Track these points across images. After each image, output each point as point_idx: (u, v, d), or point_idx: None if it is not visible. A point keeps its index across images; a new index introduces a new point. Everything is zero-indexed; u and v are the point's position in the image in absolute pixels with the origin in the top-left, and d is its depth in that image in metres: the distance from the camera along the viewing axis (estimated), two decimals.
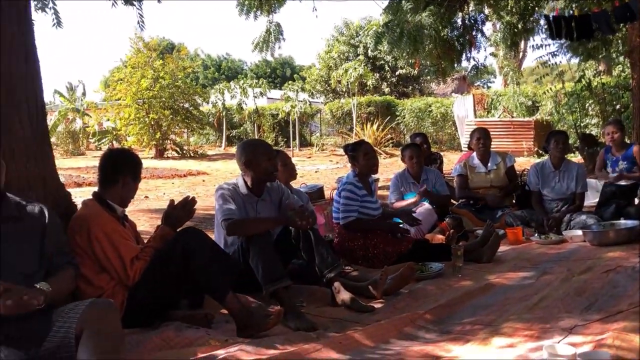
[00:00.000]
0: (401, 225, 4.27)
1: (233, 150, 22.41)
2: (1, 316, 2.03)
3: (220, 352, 2.44)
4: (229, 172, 14.44)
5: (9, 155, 2.72)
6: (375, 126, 19.70)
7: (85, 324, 2.11)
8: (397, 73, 26.61)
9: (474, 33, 9.46)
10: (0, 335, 2.09)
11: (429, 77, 23.35)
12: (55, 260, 2.36)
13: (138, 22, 5.34)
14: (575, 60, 11.41)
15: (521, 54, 20.60)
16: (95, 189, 3.02)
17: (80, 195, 3.36)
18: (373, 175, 4.56)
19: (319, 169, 14.41)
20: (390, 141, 20.17)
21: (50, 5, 4.66)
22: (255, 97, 23.83)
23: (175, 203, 3.04)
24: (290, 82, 24.71)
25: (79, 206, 3.02)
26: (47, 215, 2.39)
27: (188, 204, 3.03)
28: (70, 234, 2.73)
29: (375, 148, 5.49)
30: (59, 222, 2.47)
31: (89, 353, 2.02)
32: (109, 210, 2.89)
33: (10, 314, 1.98)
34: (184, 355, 2.46)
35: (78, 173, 13.17)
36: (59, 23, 4.39)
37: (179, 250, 2.79)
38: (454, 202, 5.70)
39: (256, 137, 23.18)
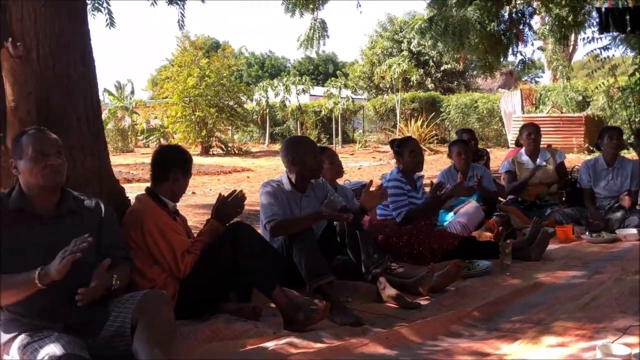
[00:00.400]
0: (450, 218, 4.23)
1: (276, 147, 22.69)
2: (62, 305, 2.14)
3: (269, 345, 2.49)
4: (272, 168, 14.59)
5: (67, 152, 2.83)
6: (419, 122, 19.51)
7: (140, 314, 2.20)
8: (442, 68, 26.27)
9: (521, 27, 9.24)
10: (61, 324, 2.20)
11: (475, 72, 22.93)
12: (112, 253, 2.45)
13: (178, 21, 5.46)
14: (629, 54, 10.99)
15: (571, 47, 19.98)
16: (144, 185, 3.11)
17: (130, 191, 3.46)
18: (419, 172, 4.53)
19: (362, 166, 14.39)
20: (435, 138, 19.95)
21: (105, 5, 4.82)
22: (298, 94, 23.97)
23: (225, 198, 3.11)
24: (333, 78, 24.70)
25: (132, 201, 3.13)
26: (103, 209, 2.49)
27: (237, 199, 3.10)
28: (125, 228, 2.83)
29: (420, 144, 5.43)
30: (114, 216, 2.57)
31: (143, 342, 2.10)
32: (161, 205, 2.98)
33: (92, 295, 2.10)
34: (233, 347, 2.52)
35: (127, 169, 13.56)
36: (112, 23, 4.53)
37: (228, 244, 2.85)
38: (502, 199, 5.60)
39: (299, 134, 23.32)
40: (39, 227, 2.29)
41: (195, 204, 7.78)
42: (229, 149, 21.08)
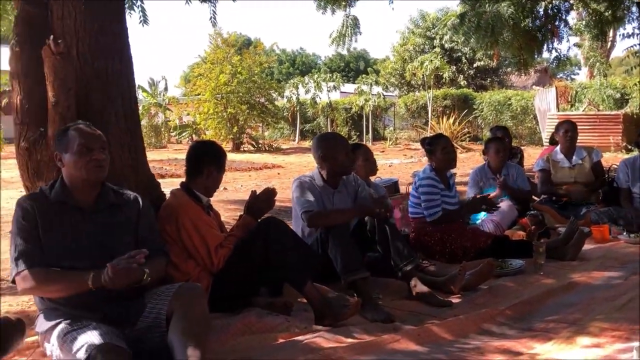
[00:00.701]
0: (482, 216, 4.21)
1: (306, 144, 22.74)
2: (100, 296, 2.20)
3: (300, 339, 2.52)
4: (303, 165, 14.63)
5: None
6: (451, 120, 19.28)
7: (175, 306, 2.25)
8: (474, 65, 25.94)
9: (556, 23, 9.06)
10: (100, 314, 2.26)
11: (508, 69, 22.58)
12: (149, 246, 2.50)
13: (211, 18, 5.50)
14: None
15: (609, 43, 19.49)
16: (177, 180, 3.17)
17: (163, 187, 3.53)
18: (451, 170, 4.49)
19: (393, 163, 14.31)
20: (467, 135, 19.69)
21: (139, 3, 4.89)
22: (329, 91, 23.95)
23: (257, 194, 3.15)
24: (364, 75, 24.63)
25: (167, 196, 3.19)
26: (141, 203, 2.55)
27: (269, 194, 3.13)
28: (160, 222, 2.88)
29: (452, 142, 5.35)
30: (151, 210, 2.63)
31: (178, 334, 2.14)
32: (195, 200, 3.03)
33: (118, 285, 2.14)
34: (265, 341, 2.55)
35: (161, 165, 13.76)
36: (145, 21, 4.58)
37: (260, 239, 2.89)
38: (536, 198, 5.52)
39: (329, 131, 23.33)
40: (79, 219, 2.36)
41: (226, 199, 7.87)
42: (260, 145, 21.20)
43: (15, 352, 2.33)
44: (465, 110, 20.67)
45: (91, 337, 2.09)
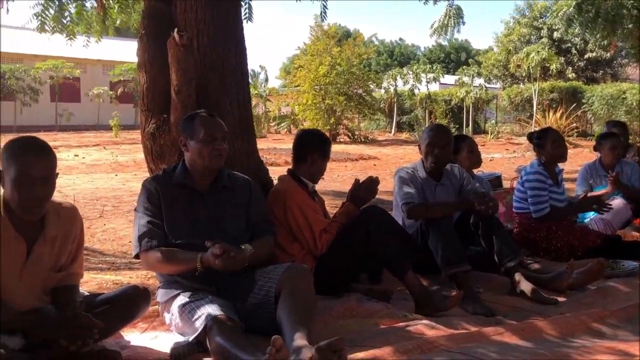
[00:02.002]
0: (591, 214, 4.01)
1: (403, 136, 22.54)
2: (214, 271, 2.36)
3: (401, 325, 2.56)
4: (399, 157, 14.56)
5: None
6: (558, 114, 18.35)
7: (283, 285, 2.37)
8: (585, 56, 24.46)
9: None
10: (214, 287, 2.44)
11: (625, 61, 21.07)
12: (258, 227, 2.66)
13: (321, 13, 5.59)
14: None
15: None
16: (276, 169, 3.30)
17: None
18: (559, 165, 4.31)
19: (494, 157, 13.88)
20: (575, 130, 18.65)
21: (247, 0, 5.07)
22: (428, 82, 23.57)
23: (360, 182, 3.21)
24: (464, 66, 23.98)
25: (275, 181, 3.34)
26: (252, 187, 2.71)
27: (372, 183, 3.18)
28: (269, 205, 3.02)
29: None
30: (262, 194, 2.78)
31: (287, 312, 2.25)
32: (301, 185, 3.15)
33: (223, 270, 2.28)
34: (365, 325, 2.62)
35: (261, 154, 14.18)
36: (250, 17, 4.74)
37: (362, 227, 2.95)
38: None
39: (427, 123, 22.99)
40: (197, 200, 2.55)
41: (323, 189, 8.03)
42: (356, 136, 21.29)
43: (140, 319, 2.55)
44: (574, 104, 19.60)
45: (208, 308, 2.26)
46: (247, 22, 4.85)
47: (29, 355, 2.04)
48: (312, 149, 3.17)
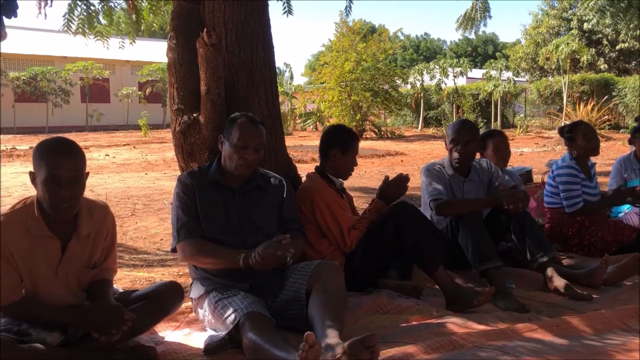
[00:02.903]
0: (626, 209, 3.91)
1: (430, 131, 22.36)
2: (248, 269, 2.38)
3: (432, 322, 2.55)
4: (427, 152, 14.45)
5: None
6: (589, 107, 17.97)
7: (314, 281, 2.38)
8: (617, 47, 23.90)
9: None
10: (246, 284, 2.46)
11: None
12: (290, 226, 2.67)
13: (346, 8, 5.58)
14: None
15: None
16: (302, 166, 3.29)
17: None
18: (591, 159, 4.22)
19: (523, 152, 13.68)
20: (607, 123, 18.24)
21: None
22: (455, 76, 23.34)
23: (390, 179, 3.20)
24: (492, 60, 23.66)
25: (303, 179, 3.34)
26: (285, 186, 2.73)
27: (402, 180, 3.17)
28: (297, 203, 3.04)
29: None
30: (293, 193, 2.80)
31: (318, 308, 2.26)
32: (329, 182, 3.15)
33: (265, 268, 2.32)
34: (396, 321, 2.61)
35: (288, 152, 14.26)
36: (289, 11, 4.73)
37: (392, 223, 2.94)
38: None
39: (455, 118, 22.77)
40: (230, 197, 2.58)
41: (351, 186, 8.02)
42: (382, 133, 21.20)
43: (173, 315, 2.59)
44: (605, 97, 19.18)
45: (240, 305, 2.28)
46: (287, 16, 4.83)
47: (68, 351, 2.09)
48: (332, 145, 3.17)
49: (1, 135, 18.64)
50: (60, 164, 2.07)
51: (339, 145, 3.15)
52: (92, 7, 5.01)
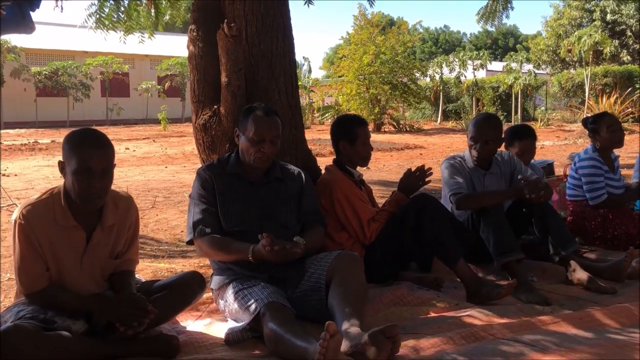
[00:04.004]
0: None
1: (449, 125, 22.18)
2: (258, 262, 2.39)
3: (452, 314, 2.53)
4: (446, 146, 14.35)
5: None
6: (612, 99, 17.66)
7: (334, 272, 2.38)
8: None
9: None
10: (266, 275, 2.47)
11: None
12: (309, 218, 2.67)
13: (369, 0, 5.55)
14: None
15: None
16: (320, 159, 3.27)
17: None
18: (615, 152, 4.16)
19: (544, 145, 13.51)
20: (631, 116, 17.93)
21: None
22: (475, 69, 23.11)
23: (412, 171, 3.18)
24: (512, 52, 23.38)
25: (323, 171, 3.34)
26: (304, 178, 2.73)
27: (424, 172, 3.15)
28: (317, 195, 3.04)
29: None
30: (312, 185, 2.80)
31: (338, 299, 2.27)
32: (347, 174, 3.15)
33: (276, 261, 2.31)
34: (417, 313, 2.61)
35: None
36: (310, 0, 4.70)
37: (412, 214, 2.92)
38: None
39: (474, 110, 22.57)
40: (249, 190, 2.59)
41: (369, 179, 8.00)
42: (401, 126, 21.08)
43: (195, 305, 2.62)
44: (629, 89, 18.84)
45: (261, 295, 2.29)
46: (308, 6, 4.80)
47: (92, 339, 2.12)
48: (338, 137, 3.17)
49: (8, 130, 18.97)
50: (92, 155, 2.10)
51: (345, 137, 3.15)
52: (121, 3, 5.06)
